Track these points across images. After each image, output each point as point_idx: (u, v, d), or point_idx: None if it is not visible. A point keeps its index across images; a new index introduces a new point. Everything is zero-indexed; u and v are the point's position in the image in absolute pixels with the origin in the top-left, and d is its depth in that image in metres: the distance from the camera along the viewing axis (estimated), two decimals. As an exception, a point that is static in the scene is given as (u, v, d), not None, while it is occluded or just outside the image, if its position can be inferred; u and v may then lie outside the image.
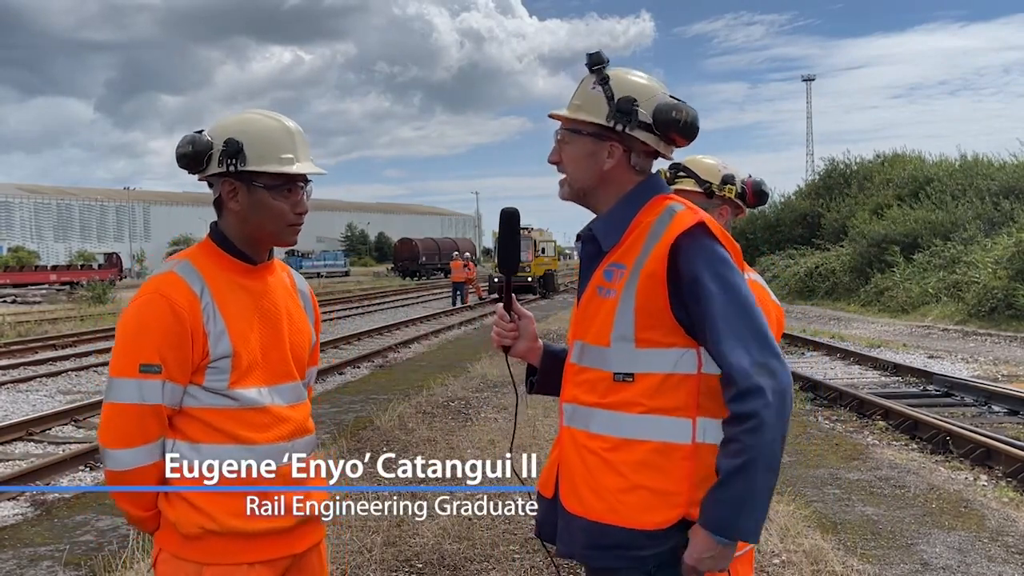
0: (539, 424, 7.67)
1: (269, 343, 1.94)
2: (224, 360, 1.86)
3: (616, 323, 1.76)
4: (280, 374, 1.95)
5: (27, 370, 13.46)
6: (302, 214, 1.96)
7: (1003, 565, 4.50)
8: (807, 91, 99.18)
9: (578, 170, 1.87)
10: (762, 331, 1.68)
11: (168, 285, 1.86)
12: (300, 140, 1.95)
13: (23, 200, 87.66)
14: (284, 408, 1.94)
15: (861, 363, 12.82)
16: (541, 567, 4.39)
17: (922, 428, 7.89)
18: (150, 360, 1.81)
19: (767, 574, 4.28)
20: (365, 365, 13.67)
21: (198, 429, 1.86)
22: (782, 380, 1.65)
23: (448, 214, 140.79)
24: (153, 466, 1.86)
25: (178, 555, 1.86)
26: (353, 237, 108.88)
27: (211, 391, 1.86)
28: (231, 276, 1.93)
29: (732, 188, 2.61)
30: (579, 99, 1.86)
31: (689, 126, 1.80)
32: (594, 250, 1.87)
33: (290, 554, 1.94)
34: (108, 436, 1.84)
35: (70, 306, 29.91)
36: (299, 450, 1.97)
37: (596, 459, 1.78)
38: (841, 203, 32.15)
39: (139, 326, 1.84)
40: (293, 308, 2.04)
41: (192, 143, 1.91)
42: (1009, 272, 18.78)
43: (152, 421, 1.83)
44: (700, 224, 1.74)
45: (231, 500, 1.86)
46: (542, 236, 33.08)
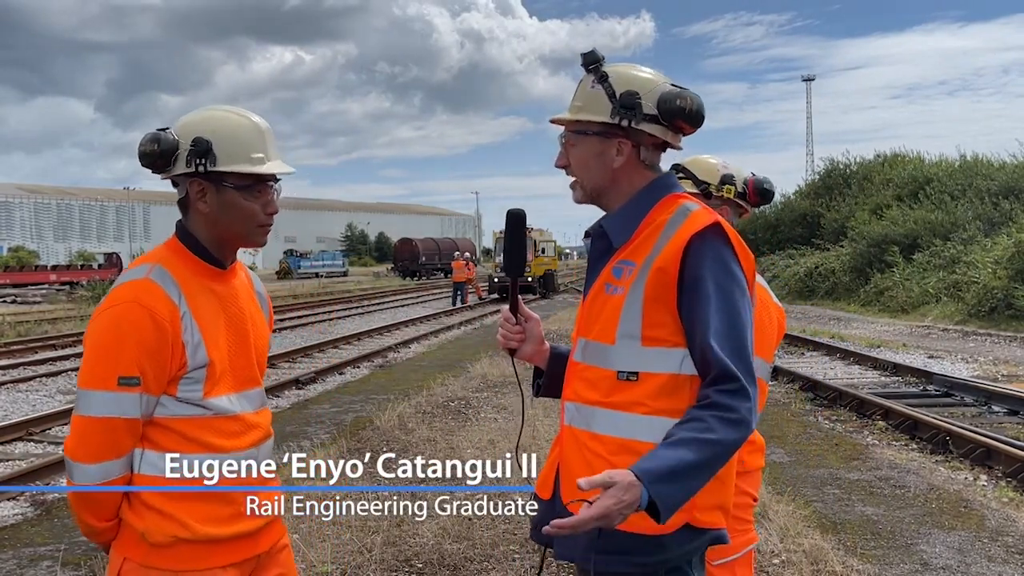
0: (539, 424, 7.66)
1: (236, 350, 1.91)
2: (200, 370, 1.81)
3: (622, 320, 1.74)
4: (246, 380, 1.93)
5: (27, 370, 13.46)
6: (272, 214, 1.91)
7: (1003, 565, 4.50)
8: (807, 91, 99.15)
9: (589, 171, 1.84)
10: (746, 351, 1.67)
11: (147, 294, 1.78)
12: (270, 138, 1.90)
13: (23, 200, 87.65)
14: (252, 415, 1.93)
15: (861, 363, 12.81)
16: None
17: (922, 428, 7.89)
18: (129, 372, 1.74)
19: (767, 574, 4.28)
20: (365, 365, 13.67)
21: (168, 438, 1.82)
22: (754, 397, 1.66)
23: (448, 214, 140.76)
24: (121, 479, 1.81)
25: (146, 564, 1.82)
26: (353, 237, 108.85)
27: (184, 401, 1.82)
28: (202, 281, 1.88)
29: (731, 188, 2.58)
30: (580, 100, 1.84)
31: (695, 113, 1.78)
32: (604, 247, 1.84)
33: (255, 555, 1.94)
34: (79, 450, 1.77)
35: (70, 306, 29.89)
36: (264, 455, 1.96)
37: (601, 463, 1.75)
38: (841, 203, 32.16)
39: (118, 337, 1.75)
40: (255, 312, 2.01)
41: (157, 141, 1.83)
42: (1009, 272, 18.78)
43: (126, 435, 1.78)
44: (715, 225, 1.72)
45: (204, 507, 1.83)
46: (542, 236, 33.07)
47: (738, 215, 2.66)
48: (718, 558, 2.37)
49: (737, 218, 2.67)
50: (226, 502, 1.87)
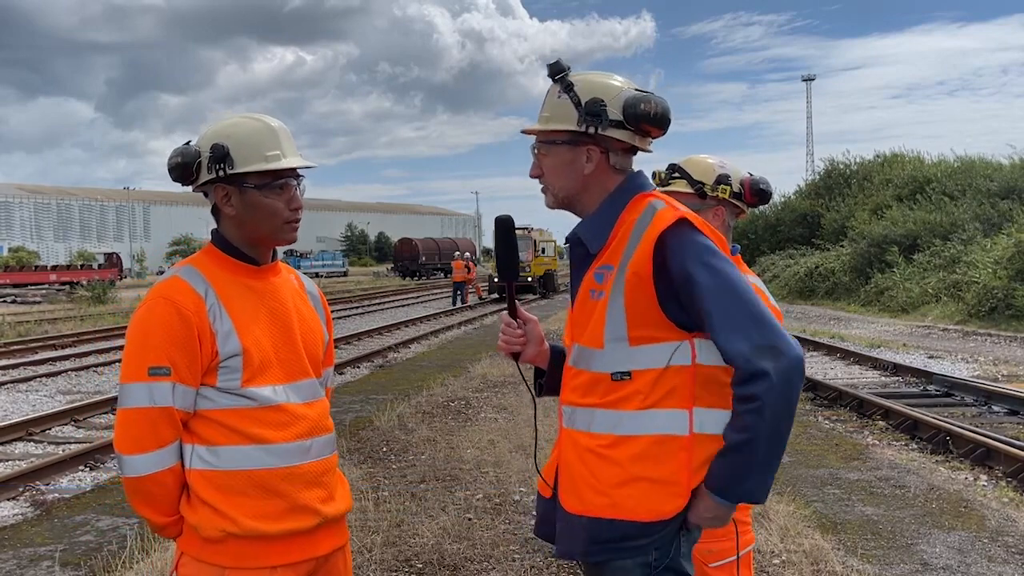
0: (539, 424, 7.66)
1: (280, 341, 1.93)
2: (235, 359, 1.85)
3: (608, 324, 1.77)
4: (295, 371, 1.94)
5: (27, 370, 13.46)
6: (297, 210, 1.95)
7: (1003, 565, 4.50)
8: (807, 91, 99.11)
9: (560, 179, 1.88)
10: (758, 313, 1.68)
11: (172, 289, 1.86)
12: (284, 136, 1.94)
13: (23, 200, 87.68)
14: (300, 406, 1.93)
15: (861, 363, 12.82)
16: (541, 567, 4.39)
17: (922, 428, 7.89)
18: (158, 363, 1.80)
19: (767, 574, 4.28)
20: (365, 365, 13.67)
21: (214, 431, 1.85)
22: (788, 358, 1.65)
23: (448, 214, 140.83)
24: (169, 471, 1.84)
25: (200, 558, 1.85)
26: (353, 237, 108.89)
27: (225, 391, 1.85)
28: (236, 277, 1.92)
29: (726, 188, 2.56)
30: (548, 110, 1.88)
31: (660, 116, 1.81)
32: (583, 253, 1.88)
33: (312, 557, 1.91)
34: (123, 442, 1.83)
35: (70, 306, 29.91)
36: (319, 448, 1.94)
37: (595, 457, 1.79)
38: (841, 203, 32.17)
39: (145, 330, 1.83)
40: (303, 308, 2.03)
41: (181, 155, 1.91)
42: (1009, 272, 18.79)
43: (164, 424, 1.82)
44: (681, 219, 1.75)
45: (252, 502, 1.84)
46: (542, 236, 33.08)
47: (735, 215, 2.64)
48: (717, 559, 2.37)
49: (734, 219, 2.64)
50: (276, 496, 1.86)
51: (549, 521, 1.91)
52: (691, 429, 1.75)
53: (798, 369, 1.67)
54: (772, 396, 1.64)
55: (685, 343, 1.76)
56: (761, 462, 1.70)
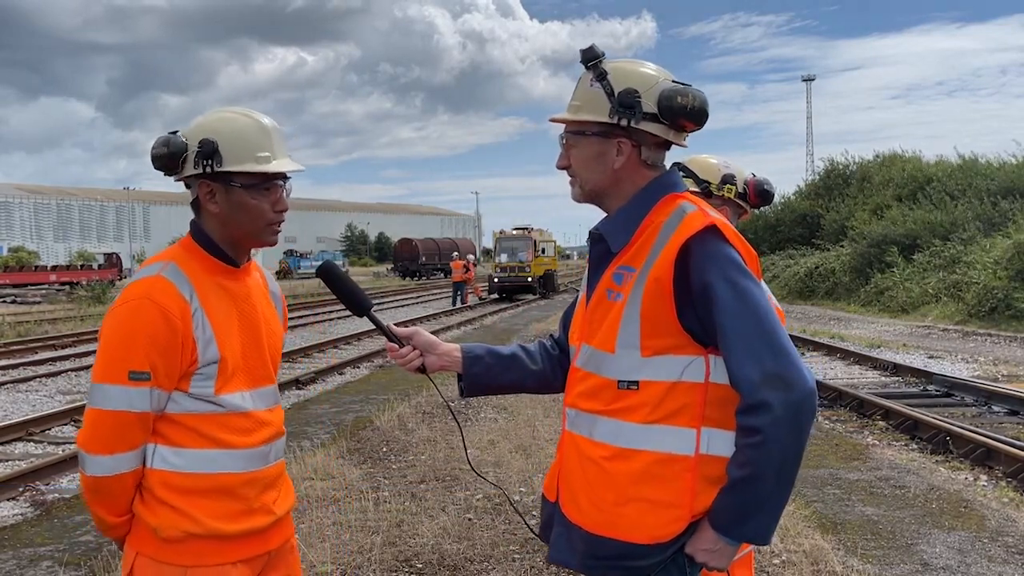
0: (539, 424, 7.67)
1: (250, 347, 1.93)
2: (211, 366, 1.84)
3: (622, 329, 1.70)
4: (259, 378, 1.95)
5: (27, 370, 13.46)
6: (282, 212, 1.92)
7: (1003, 565, 4.50)
8: (807, 91, 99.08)
9: (589, 172, 1.79)
10: (777, 339, 1.60)
11: (158, 291, 1.81)
12: (277, 137, 1.90)
13: (23, 200, 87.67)
14: (264, 412, 1.95)
15: (861, 363, 12.81)
16: (541, 567, 4.38)
17: (922, 428, 7.89)
18: (140, 368, 1.77)
19: (767, 574, 4.28)
20: (365, 365, 13.66)
21: (181, 434, 1.84)
22: (797, 390, 1.57)
23: (448, 214, 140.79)
24: (133, 472, 1.83)
25: (159, 559, 1.85)
26: (353, 237, 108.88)
27: (196, 397, 1.84)
28: (215, 279, 1.90)
29: (732, 188, 2.58)
30: (579, 99, 1.79)
31: (698, 110, 1.72)
32: (603, 251, 1.79)
33: (266, 551, 1.96)
34: (92, 442, 1.80)
35: (70, 306, 29.88)
36: (276, 453, 1.98)
37: (595, 468, 1.73)
38: (841, 203, 32.18)
39: (130, 332, 1.79)
40: (267, 310, 2.03)
41: (167, 144, 1.86)
42: (1009, 272, 18.80)
43: (138, 428, 1.80)
44: (711, 227, 1.66)
45: (213, 504, 1.85)
46: (542, 236, 33.07)
47: (738, 215, 2.66)
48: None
49: (737, 219, 2.66)
50: (236, 498, 1.88)
51: (552, 524, 1.87)
52: (698, 450, 1.68)
53: (808, 403, 1.58)
54: (776, 431, 1.57)
55: (700, 359, 1.68)
56: (764, 501, 1.61)
